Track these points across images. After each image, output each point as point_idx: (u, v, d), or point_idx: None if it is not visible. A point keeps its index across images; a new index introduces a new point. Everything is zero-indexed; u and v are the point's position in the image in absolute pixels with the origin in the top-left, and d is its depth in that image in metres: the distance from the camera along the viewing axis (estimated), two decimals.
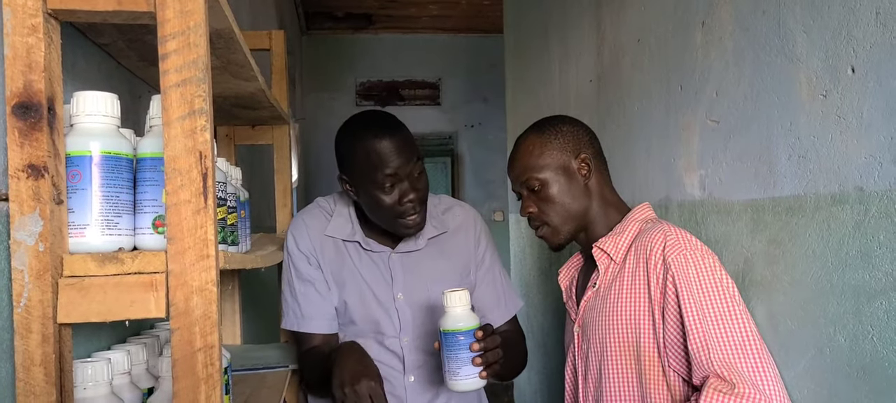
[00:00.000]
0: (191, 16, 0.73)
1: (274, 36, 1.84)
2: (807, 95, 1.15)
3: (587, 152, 1.35)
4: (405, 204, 1.39)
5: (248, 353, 1.71)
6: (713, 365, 1.12)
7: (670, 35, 1.65)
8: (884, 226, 0.98)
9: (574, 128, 1.37)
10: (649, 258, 1.23)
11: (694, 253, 1.20)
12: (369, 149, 1.36)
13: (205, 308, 0.74)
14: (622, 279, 1.28)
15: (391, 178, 1.37)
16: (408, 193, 1.38)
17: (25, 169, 0.71)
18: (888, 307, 0.98)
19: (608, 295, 1.30)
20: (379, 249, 1.52)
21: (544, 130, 1.37)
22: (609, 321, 1.29)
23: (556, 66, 2.67)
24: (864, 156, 1.02)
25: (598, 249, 1.33)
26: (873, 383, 1.02)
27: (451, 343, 1.26)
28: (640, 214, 1.35)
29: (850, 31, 1.05)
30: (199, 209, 0.73)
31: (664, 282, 1.20)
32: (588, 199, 1.35)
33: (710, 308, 1.15)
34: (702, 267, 1.18)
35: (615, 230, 1.34)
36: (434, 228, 1.56)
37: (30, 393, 0.71)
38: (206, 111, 0.73)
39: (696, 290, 1.16)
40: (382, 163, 1.36)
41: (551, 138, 1.35)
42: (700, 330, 1.14)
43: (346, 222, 1.53)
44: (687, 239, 1.23)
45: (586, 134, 1.38)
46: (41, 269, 0.71)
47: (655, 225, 1.28)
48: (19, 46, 0.70)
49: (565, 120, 1.40)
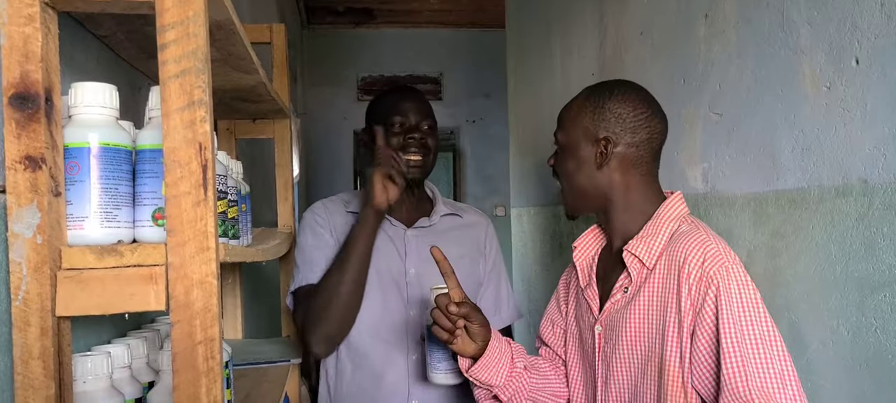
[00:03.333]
0: (189, 5, 0.72)
1: (275, 29, 1.83)
2: (811, 87, 1.15)
3: (622, 139, 1.21)
4: (408, 140, 1.54)
5: (249, 348, 1.71)
6: (751, 395, 1.02)
7: (673, 28, 1.64)
8: (888, 219, 0.98)
9: (621, 107, 1.22)
10: (682, 267, 1.13)
11: (736, 268, 1.10)
12: (388, 102, 1.60)
13: (205, 300, 0.73)
14: (651, 286, 1.19)
15: (400, 120, 1.56)
16: (414, 132, 1.55)
17: (23, 160, 0.70)
18: (892, 299, 0.98)
19: (635, 302, 1.20)
20: (396, 224, 1.59)
21: (591, 97, 1.25)
22: (636, 330, 1.20)
23: (558, 60, 2.66)
24: (869, 148, 1.01)
25: (630, 254, 1.21)
26: (876, 375, 1.02)
27: (434, 337, 1.29)
28: (672, 211, 1.22)
29: (854, 23, 1.04)
30: (198, 201, 0.73)
31: (702, 296, 1.09)
32: (603, 183, 1.24)
33: (749, 330, 1.05)
34: (744, 286, 1.08)
35: (647, 231, 1.21)
36: (448, 209, 1.66)
37: (28, 387, 0.70)
38: (205, 102, 0.73)
39: (736, 309, 1.06)
40: (395, 110, 1.57)
41: (590, 109, 1.24)
42: (738, 353, 1.04)
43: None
44: (727, 252, 1.12)
45: (634, 119, 1.22)
46: (39, 262, 0.70)
47: (691, 232, 1.17)
48: (16, 36, 0.70)
49: (621, 95, 1.24)
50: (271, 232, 1.82)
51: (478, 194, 6.34)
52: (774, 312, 1.22)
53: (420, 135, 1.55)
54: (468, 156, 6.55)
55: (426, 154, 1.57)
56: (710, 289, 1.08)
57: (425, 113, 1.59)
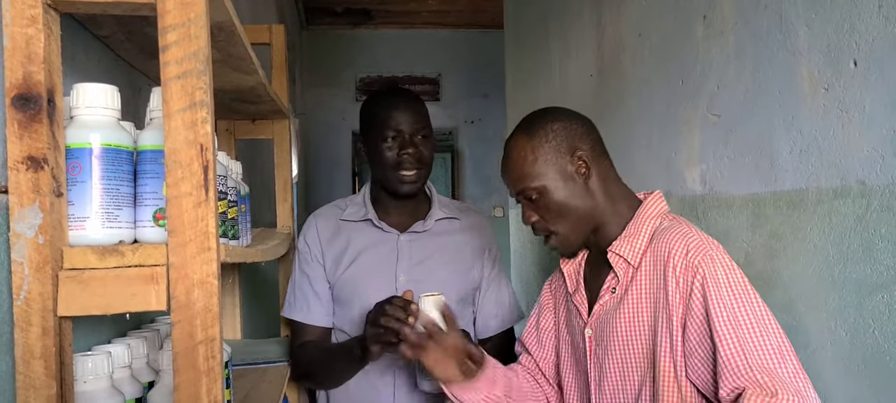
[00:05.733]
0: (191, 7, 0.72)
1: (274, 30, 1.84)
2: (809, 89, 1.15)
3: (584, 148, 1.22)
4: (402, 155, 1.50)
5: (248, 348, 1.71)
6: (752, 372, 1.02)
7: (671, 29, 1.64)
8: (885, 220, 0.98)
9: (566, 123, 1.24)
10: (667, 262, 1.13)
11: (720, 254, 1.11)
12: (380, 108, 1.55)
13: (206, 300, 0.73)
14: (638, 284, 1.19)
15: (394, 134, 1.51)
16: (407, 147, 1.50)
17: (25, 161, 0.70)
18: (889, 300, 0.98)
19: (624, 302, 1.21)
20: (389, 230, 1.58)
21: (533, 132, 1.24)
22: (625, 329, 1.20)
23: (557, 61, 2.66)
24: (867, 150, 1.02)
25: (615, 255, 1.22)
26: (874, 376, 1.02)
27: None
28: (653, 209, 1.23)
29: (852, 25, 1.04)
30: (199, 202, 0.73)
31: (689, 286, 1.10)
32: (592, 198, 1.23)
33: (743, 312, 1.06)
34: (730, 270, 1.09)
35: (629, 231, 1.22)
36: (444, 213, 1.62)
37: (30, 387, 0.71)
38: (206, 103, 0.73)
39: (726, 294, 1.07)
40: (388, 119, 1.51)
41: (542, 140, 1.22)
42: (734, 335, 1.04)
43: (360, 207, 1.61)
44: (709, 241, 1.13)
45: (581, 126, 1.25)
46: (41, 262, 0.70)
47: (672, 227, 1.18)
48: (18, 37, 0.70)
49: (555, 115, 1.27)
50: (270, 232, 1.82)
51: (476, 195, 6.35)
52: (772, 313, 1.22)
53: (413, 150, 1.51)
54: (466, 157, 6.55)
55: (421, 167, 1.53)
56: (696, 278, 1.09)
57: (419, 121, 1.54)
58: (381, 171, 1.54)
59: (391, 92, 1.61)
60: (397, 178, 1.51)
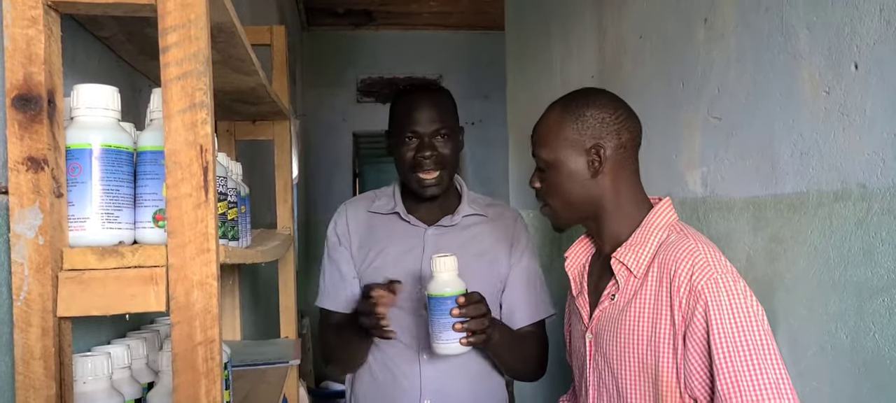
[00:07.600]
0: (191, 8, 0.72)
1: (275, 31, 1.84)
2: (810, 92, 1.15)
3: (609, 143, 1.21)
4: (420, 158, 1.50)
5: (247, 349, 1.71)
6: None
7: (672, 31, 1.64)
8: (886, 223, 0.98)
9: (601, 112, 1.22)
10: (673, 279, 1.12)
11: (726, 277, 1.09)
12: (401, 106, 1.55)
13: (205, 302, 0.73)
14: (643, 296, 1.18)
15: (411, 134, 1.51)
16: (424, 149, 1.50)
17: (25, 161, 0.70)
18: (890, 304, 0.98)
19: (628, 311, 1.20)
20: (416, 223, 1.60)
21: (568, 108, 1.25)
22: (628, 339, 1.19)
23: (558, 63, 2.66)
24: (867, 153, 1.02)
25: (618, 262, 1.21)
26: (875, 380, 1.02)
27: (436, 307, 1.30)
28: (661, 219, 1.22)
29: (853, 28, 1.04)
30: (199, 203, 0.73)
31: (692, 309, 1.09)
32: (596, 192, 1.23)
33: (742, 342, 1.05)
34: (734, 295, 1.07)
35: (635, 239, 1.21)
36: (472, 209, 1.63)
37: (29, 387, 0.71)
38: (207, 104, 0.73)
39: (727, 321, 1.06)
40: (405, 119, 1.52)
41: (571, 120, 1.23)
42: (730, 366, 1.04)
43: (390, 199, 1.64)
44: (717, 260, 1.11)
45: (615, 121, 1.22)
46: (41, 262, 0.70)
47: (680, 240, 1.16)
48: (19, 38, 0.70)
49: (596, 102, 1.24)
50: (270, 233, 1.82)
51: None
52: (773, 317, 1.22)
53: (431, 152, 1.50)
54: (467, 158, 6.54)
55: (442, 167, 1.53)
56: (698, 303, 1.08)
57: (438, 120, 1.52)
58: (402, 173, 1.57)
59: (411, 89, 1.59)
60: (417, 181, 1.53)
